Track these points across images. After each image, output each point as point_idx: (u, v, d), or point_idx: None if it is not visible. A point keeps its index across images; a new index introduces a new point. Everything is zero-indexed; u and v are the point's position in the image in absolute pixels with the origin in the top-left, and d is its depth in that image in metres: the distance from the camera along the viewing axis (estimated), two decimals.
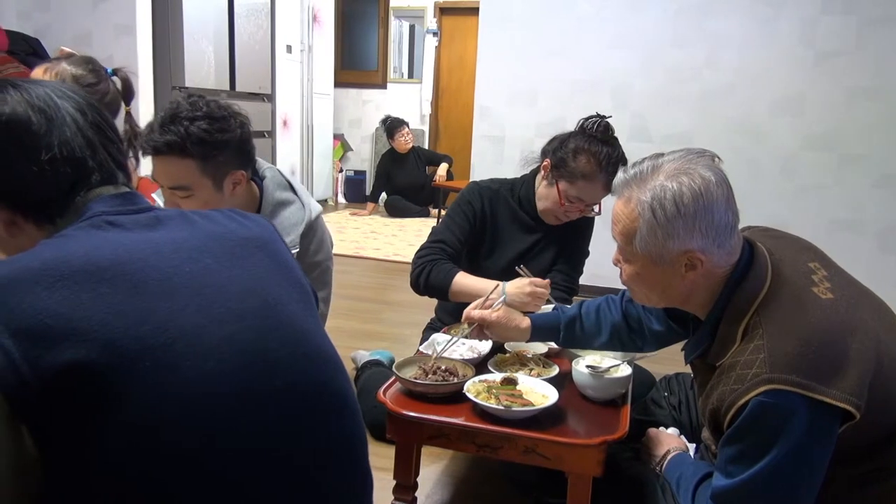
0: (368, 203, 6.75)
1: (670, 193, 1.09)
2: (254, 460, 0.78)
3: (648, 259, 1.15)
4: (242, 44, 5.09)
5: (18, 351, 0.66)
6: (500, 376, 1.44)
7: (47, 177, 0.83)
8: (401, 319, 3.39)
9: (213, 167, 1.52)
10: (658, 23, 3.72)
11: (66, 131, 0.84)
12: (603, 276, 3.99)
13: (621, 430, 1.34)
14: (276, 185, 1.74)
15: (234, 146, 1.54)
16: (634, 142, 3.71)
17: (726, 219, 1.11)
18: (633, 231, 1.15)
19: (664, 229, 1.10)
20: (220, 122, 1.51)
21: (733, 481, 1.08)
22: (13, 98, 0.83)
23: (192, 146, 1.47)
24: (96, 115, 0.89)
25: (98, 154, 0.87)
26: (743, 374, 1.06)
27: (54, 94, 0.86)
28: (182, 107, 1.51)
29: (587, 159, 1.84)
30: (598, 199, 1.92)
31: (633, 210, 1.14)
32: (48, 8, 4.29)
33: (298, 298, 0.91)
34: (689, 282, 1.16)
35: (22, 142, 0.82)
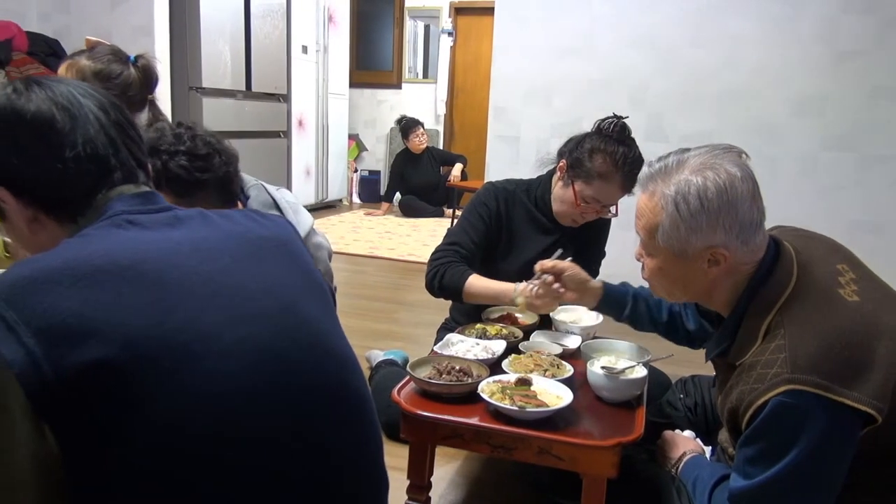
0: (383, 203, 6.76)
1: (694, 188, 1.08)
2: (271, 460, 0.78)
3: (671, 253, 1.15)
4: (258, 44, 5.12)
5: (41, 350, 0.67)
6: (514, 377, 1.44)
7: (71, 174, 0.83)
8: (415, 319, 3.39)
9: (187, 203, 1.41)
10: (676, 22, 3.69)
11: (90, 129, 0.85)
12: (620, 276, 3.97)
13: (636, 431, 1.33)
14: (261, 206, 1.68)
15: (213, 186, 1.45)
16: (651, 142, 3.68)
17: (751, 215, 1.10)
18: (656, 225, 1.14)
19: (687, 224, 1.10)
20: (201, 160, 1.42)
21: (751, 482, 1.07)
22: (38, 96, 0.84)
23: (166, 183, 1.40)
24: (118, 114, 0.90)
25: (120, 152, 0.88)
26: (763, 374, 1.04)
27: (77, 93, 0.87)
28: (165, 138, 1.43)
29: (603, 159, 1.83)
30: (615, 200, 1.91)
31: (657, 204, 1.14)
32: (68, 10, 4.34)
33: (316, 298, 0.91)
34: (712, 278, 1.16)
35: (47, 139, 0.83)
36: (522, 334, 1.76)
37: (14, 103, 0.83)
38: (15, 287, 0.70)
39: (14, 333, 0.67)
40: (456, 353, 1.60)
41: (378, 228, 5.90)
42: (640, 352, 1.64)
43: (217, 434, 0.74)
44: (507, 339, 1.71)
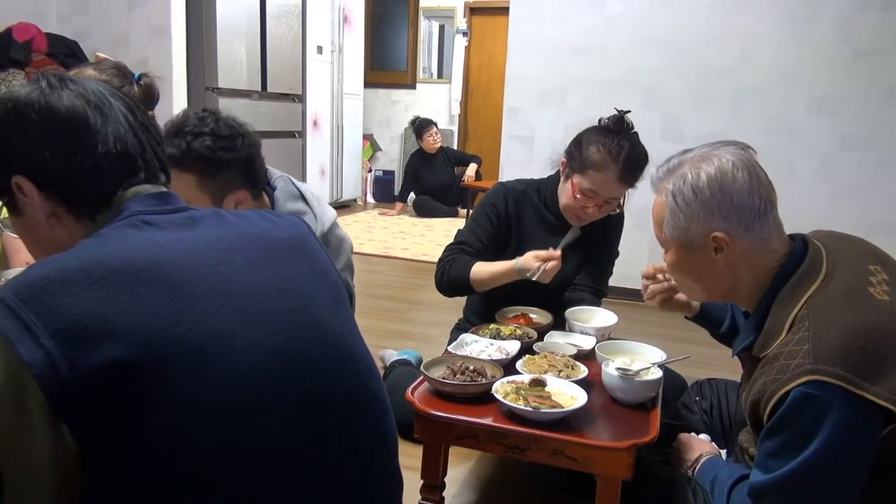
0: (397, 203, 6.78)
1: (689, 179, 1.17)
2: (285, 460, 0.79)
3: (679, 244, 1.22)
4: (274, 45, 5.14)
5: (58, 351, 0.67)
6: (528, 377, 1.44)
7: (100, 171, 0.84)
8: (429, 319, 3.39)
9: (212, 185, 1.49)
10: (690, 21, 3.67)
11: (120, 128, 0.86)
12: (633, 276, 3.95)
13: (651, 433, 1.32)
14: (287, 196, 1.71)
15: (237, 167, 1.49)
16: (666, 142, 3.67)
17: (750, 202, 1.14)
18: (663, 219, 1.23)
19: (684, 212, 1.17)
20: (224, 140, 1.47)
21: (772, 476, 1.06)
22: (71, 92, 0.85)
23: (191, 162, 1.44)
24: (144, 116, 0.91)
25: (146, 154, 0.89)
26: (786, 365, 1.04)
27: (107, 92, 0.88)
28: (189, 120, 1.48)
29: (597, 149, 1.82)
30: (613, 193, 1.87)
31: (662, 200, 1.22)
32: (86, 11, 4.39)
33: (332, 300, 0.91)
34: (726, 269, 1.18)
35: (79, 135, 0.83)
36: (536, 335, 1.75)
37: (48, 98, 0.83)
38: (33, 288, 0.70)
39: (31, 334, 0.68)
40: (470, 353, 1.61)
41: (392, 228, 5.91)
42: (656, 353, 1.63)
43: (232, 433, 0.74)
44: (521, 339, 1.71)
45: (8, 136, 0.83)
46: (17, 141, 0.83)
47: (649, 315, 3.71)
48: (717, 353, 1.79)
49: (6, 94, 0.85)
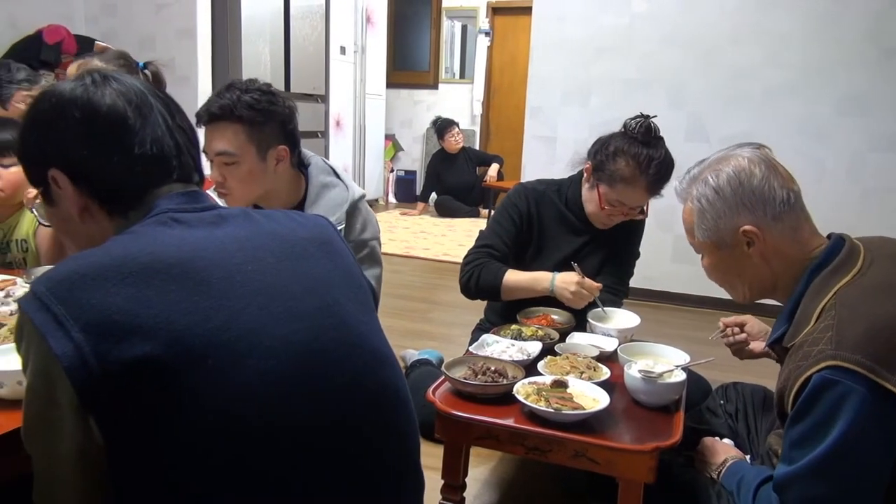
0: (418, 203, 6.79)
1: (710, 181, 1.22)
2: (312, 459, 0.79)
3: (712, 245, 1.25)
4: (297, 45, 5.18)
5: (88, 345, 0.68)
6: (550, 378, 1.43)
7: (136, 171, 0.85)
8: (450, 319, 3.39)
9: (258, 135, 1.62)
10: (716, 19, 3.63)
11: (158, 130, 0.87)
12: (653, 278, 3.93)
13: (674, 436, 1.31)
14: (320, 171, 1.82)
15: (279, 120, 1.66)
16: (691, 142, 3.63)
17: (772, 192, 1.17)
18: (692, 225, 1.27)
19: (710, 212, 1.22)
20: (269, 95, 1.65)
21: (795, 466, 1.05)
22: (114, 91, 0.86)
23: (241, 109, 1.60)
24: (182, 117, 0.92)
25: (182, 155, 0.90)
26: (809, 351, 1.04)
27: (147, 92, 0.89)
28: (237, 81, 1.67)
29: (626, 162, 1.80)
30: (640, 203, 1.88)
31: (689, 207, 1.27)
32: (114, 13, 4.46)
33: (356, 299, 0.92)
34: (761, 263, 1.20)
35: (118, 134, 0.85)
36: (558, 336, 1.74)
37: (91, 95, 0.85)
38: (64, 282, 0.71)
39: (63, 328, 0.69)
40: (491, 353, 1.60)
41: (413, 228, 5.92)
42: (679, 356, 1.61)
43: (257, 431, 0.75)
44: (542, 340, 1.70)
45: (48, 130, 0.85)
46: (57, 135, 0.84)
47: (672, 317, 3.68)
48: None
49: (51, 89, 0.87)
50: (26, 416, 0.76)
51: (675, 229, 3.70)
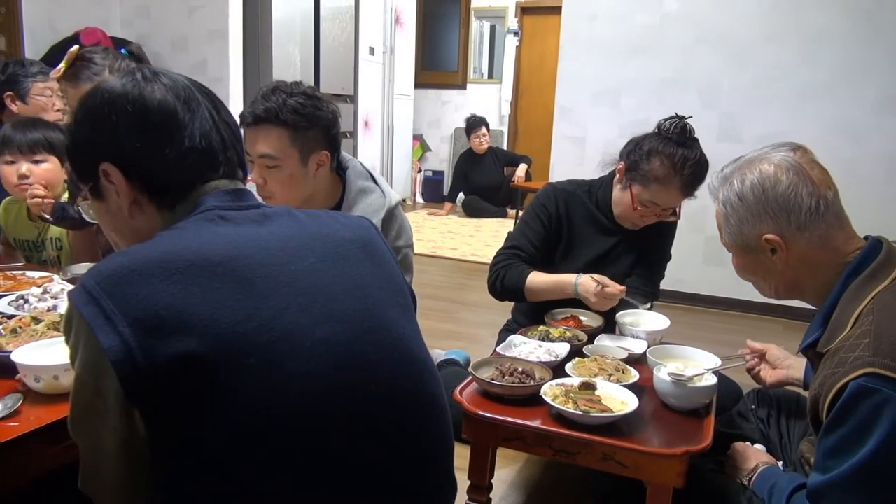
0: (446, 203, 6.79)
1: (735, 186, 1.20)
2: (347, 460, 0.80)
3: (738, 247, 1.24)
4: (327, 46, 5.22)
5: (135, 340, 0.70)
6: (578, 380, 1.42)
7: (185, 164, 0.87)
8: (477, 320, 3.39)
9: (301, 139, 1.63)
10: (750, 17, 3.57)
11: (205, 124, 0.89)
12: (684, 280, 3.88)
13: (704, 441, 1.29)
14: (358, 175, 1.83)
15: (323, 125, 1.66)
16: (724, 143, 3.57)
17: (797, 201, 1.14)
18: (720, 226, 1.26)
19: (734, 217, 1.20)
20: (314, 100, 1.65)
21: (829, 476, 1.02)
22: (163, 86, 0.88)
23: (286, 114, 1.60)
24: (227, 113, 0.94)
25: (228, 150, 0.92)
26: (845, 358, 1.01)
27: (194, 88, 0.91)
28: (283, 84, 1.66)
29: (661, 162, 1.79)
30: (674, 204, 1.86)
31: (719, 208, 1.25)
32: (148, 16, 4.54)
33: (397, 302, 0.92)
34: (786, 269, 1.18)
35: (168, 129, 0.86)
36: (586, 337, 1.73)
37: (143, 90, 0.87)
38: (113, 277, 0.73)
39: (111, 322, 0.70)
40: (519, 354, 1.60)
41: (441, 228, 5.93)
42: (710, 359, 1.59)
43: (294, 430, 0.75)
44: (570, 342, 1.69)
45: (101, 125, 0.87)
46: (110, 130, 0.86)
47: (703, 320, 3.63)
48: None
49: (103, 85, 0.89)
50: (74, 405, 0.78)
51: (707, 231, 3.65)
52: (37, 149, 1.96)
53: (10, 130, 1.96)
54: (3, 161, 1.96)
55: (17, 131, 1.96)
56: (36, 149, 1.96)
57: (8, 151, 1.95)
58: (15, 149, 1.94)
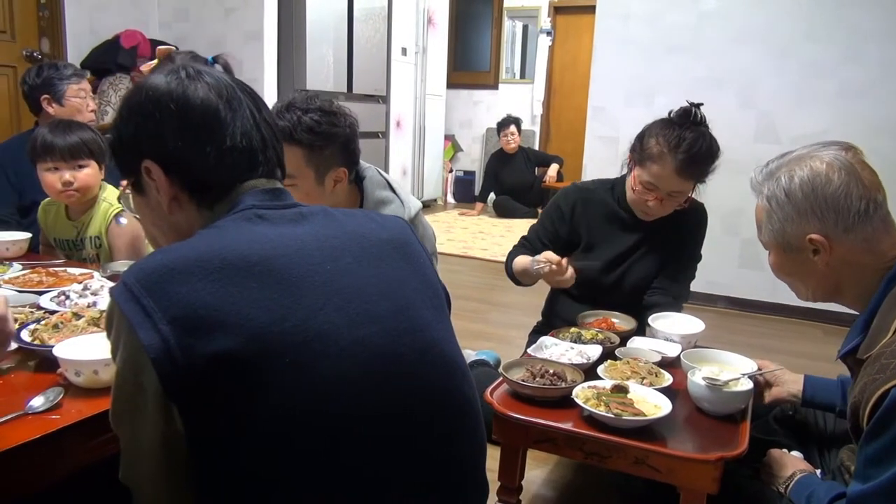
0: (477, 203, 6.78)
1: (782, 182, 1.17)
2: (378, 462, 0.80)
3: (778, 246, 1.21)
4: (360, 47, 5.25)
5: (174, 337, 0.71)
6: (610, 383, 1.40)
7: (225, 163, 0.88)
8: (507, 321, 3.38)
9: (317, 159, 1.60)
10: (790, 15, 3.49)
11: (246, 123, 0.90)
12: (719, 283, 3.82)
13: (740, 447, 1.26)
14: (376, 185, 1.80)
15: (340, 142, 1.61)
16: (761, 143, 3.50)
17: (847, 202, 1.11)
18: (761, 222, 1.23)
19: (778, 215, 1.17)
20: (330, 116, 1.59)
21: (870, 485, 0.99)
22: (206, 85, 0.89)
23: (300, 133, 1.55)
24: (268, 112, 0.95)
25: (268, 150, 0.93)
26: (886, 364, 0.99)
27: (237, 87, 0.92)
28: (297, 99, 1.61)
29: (656, 141, 1.79)
30: (674, 186, 1.81)
31: (760, 204, 1.23)
32: (186, 18, 4.62)
33: (431, 304, 0.92)
34: (827, 271, 1.15)
35: (210, 127, 0.87)
36: (619, 340, 1.71)
37: (186, 89, 0.88)
38: (153, 275, 0.74)
39: (151, 320, 0.72)
40: (550, 356, 1.59)
41: (472, 228, 5.92)
42: (746, 363, 1.56)
43: (327, 431, 0.76)
44: (602, 344, 1.67)
45: (145, 122, 0.88)
46: (153, 127, 0.88)
47: (738, 323, 3.57)
48: (814, 366, 1.70)
49: (146, 82, 0.90)
50: (115, 399, 0.80)
51: (742, 233, 3.59)
52: (78, 155, 1.99)
53: (49, 136, 1.99)
54: (45, 168, 1.99)
55: (56, 136, 1.98)
56: (77, 155, 1.99)
57: (50, 159, 1.98)
58: (57, 156, 1.97)
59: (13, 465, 0.94)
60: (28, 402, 1.03)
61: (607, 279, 1.98)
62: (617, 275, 1.98)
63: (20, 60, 3.72)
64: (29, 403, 1.03)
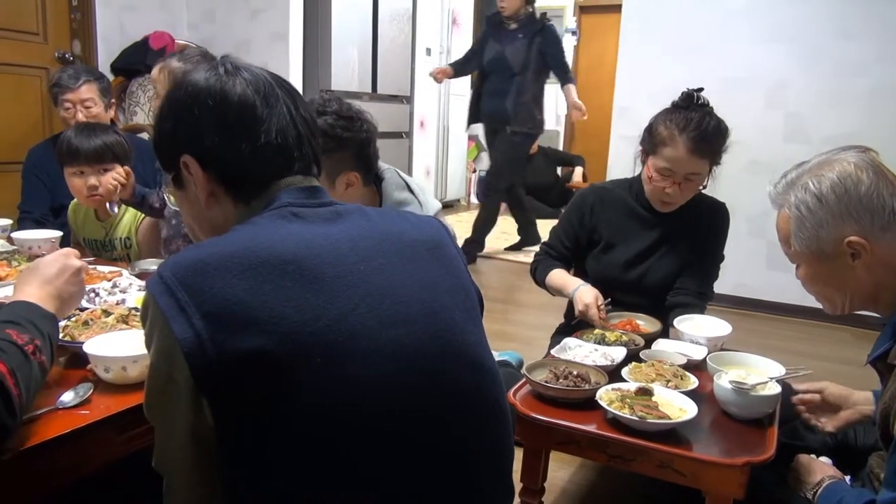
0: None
1: (811, 187, 1.14)
2: (406, 462, 0.80)
3: (811, 256, 1.17)
4: (384, 48, 5.27)
5: (207, 332, 0.72)
6: (634, 386, 1.39)
7: (261, 158, 0.89)
8: (530, 321, 3.37)
9: (328, 162, 1.55)
10: (821, 12, 3.43)
11: (283, 120, 0.90)
12: (746, 285, 3.77)
13: (767, 452, 1.25)
14: (395, 187, 1.79)
15: (353, 147, 1.59)
16: (791, 143, 3.44)
17: (880, 201, 1.10)
18: (789, 233, 1.19)
19: (810, 221, 1.14)
20: (345, 120, 1.57)
21: None
22: (244, 81, 0.90)
23: None
24: (305, 108, 0.95)
25: (304, 146, 0.93)
26: None
27: (274, 83, 0.93)
28: (316, 101, 1.60)
29: (664, 125, 1.83)
30: (689, 167, 1.80)
31: (785, 213, 1.20)
32: (213, 20, 4.68)
33: (464, 306, 0.92)
34: (866, 275, 1.12)
35: (247, 123, 0.88)
36: (643, 342, 1.70)
37: (224, 84, 0.89)
38: (189, 269, 0.75)
39: (185, 314, 0.73)
40: (574, 357, 1.58)
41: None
42: (774, 367, 1.53)
43: (356, 430, 0.76)
44: (627, 346, 1.66)
45: (184, 118, 0.90)
46: (191, 122, 0.89)
47: (766, 326, 3.51)
48: (844, 370, 1.67)
49: (188, 78, 0.91)
50: (148, 389, 0.81)
51: (770, 235, 3.52)
52: (102, 159, 2.02)
53: (74, 140, 2.01)
54: (71, 172, 2.02)
55: (81, 141, 2.01)
56: (102, 159, 2.01)
57: (76, 163, 2.01)
58: (82, 160, 2.00)
59: (45, 458, 0.96)
60: (59, 398, 1.05)
61: (628, 277, 1.96)
62: (638, 273, 1.96)
63: (52, 62, 3.79)
64: (60, 399, 1.05)
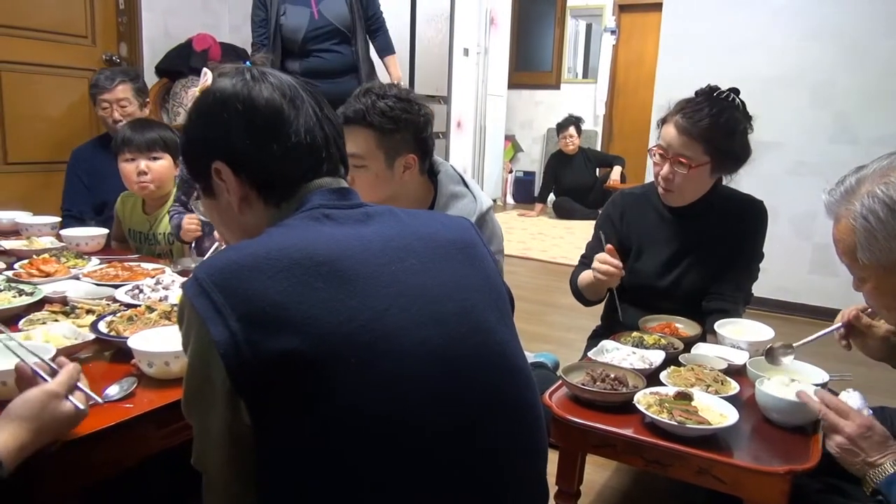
0: (536, 204, 6.74)
1: (879, 196, 1.06)
2: (438, 463, 0.80)
3: (880, 269, 1.11)
4: (422, 48, 5.29)
5: (242, 334, 0.73)
6: (673, 390, 1.37)
7: (291, 160, 0.91)
8: (566, 323, 3.34)
9: (388, 142, 1.65)
10: (868, 9, 3.33)
11: (310, 121, 0.92)
12: (789, 289, 3.68)
13: (811, 460, 1.21)
14: (450, 179, 1.84)
15: (412, 129, 1.66)
16: (836, 144, 3.35)
17: None
18: (853, 245, 1.12)
19: (882, 232, 1.07)
20: (404, 103, 1.65)
21: None
22: (270, 85, 0.92)
23: (373, 116, 1.62)
24: (329, 109, 0.97)
25: (330, 147, 0.95)
26: None
27: (299, 86, 0.95)
28: (375, 85, 1.69)
29: (668, 108, 1.85)
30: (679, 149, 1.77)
31: (846, 225, 1.12)
32: None
33: (496, 306, 0.92)
34: None
35: (275, 126, 0.90)
36: (683, 346, 1.67)
37: (252, 90, 0.91)
38: (224, 271, 0.77)
39: (221, 316, 0.74)
40: (611, 360, 1.56)
41: (531, 229, 5.88)
42: (817, 373, 1.49)
43: (388, 430, 0.77)
44: (665, 349, 1.63)
45: (214, 124, 0.92)
46: (221, 129, 0.91)
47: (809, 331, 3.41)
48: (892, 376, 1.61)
49: (215, 85, 0.94)
50: (186, 389, 0.83)
51: (814, 238, 3.44)
52: (154, 147, 2.15)
53: (129, 131, 2.17)
54: (124, 159, 2.16)
55: (135, 132, 2.16)
56: (153, 147, 2.15)
57: (128, 150, 2.14)
58: (134, 148, 2.14)
59: (90, 449, 0.99)
60: (104, 391, 1.08)
61: (662, 283, 1.93)
62: (672, 279, 1.92)
63: (100, 64, 3.90)
64: (105, 392, 1.08)
